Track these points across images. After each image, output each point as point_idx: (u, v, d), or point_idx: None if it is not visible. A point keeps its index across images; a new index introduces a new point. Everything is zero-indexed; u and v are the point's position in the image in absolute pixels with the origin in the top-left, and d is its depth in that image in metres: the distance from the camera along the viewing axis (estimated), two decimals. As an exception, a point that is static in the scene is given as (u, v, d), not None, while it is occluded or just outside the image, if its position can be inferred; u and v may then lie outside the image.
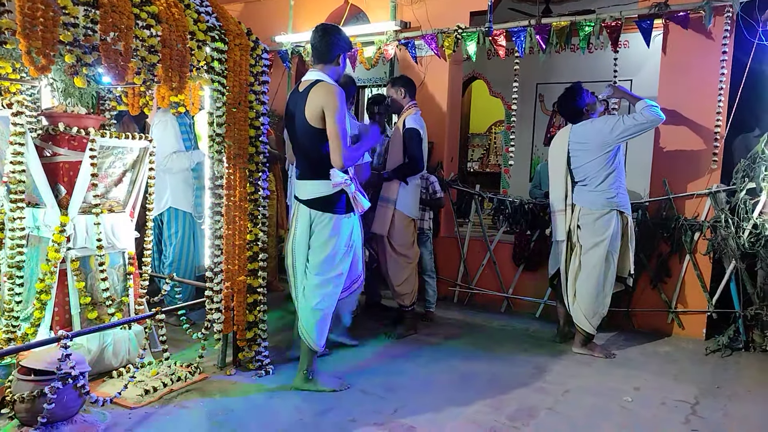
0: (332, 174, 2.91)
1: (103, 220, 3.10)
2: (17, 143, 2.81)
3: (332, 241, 2.99)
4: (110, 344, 3.11)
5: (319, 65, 3.00)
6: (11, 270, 2.89)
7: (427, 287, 4.51)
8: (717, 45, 4.04)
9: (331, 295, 3.05)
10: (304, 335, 3.05)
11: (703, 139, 4.14)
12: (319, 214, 2.99)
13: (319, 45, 2.97)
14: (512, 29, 4.60)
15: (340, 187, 2.94)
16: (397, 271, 4.05)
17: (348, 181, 2.94)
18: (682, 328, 4.29)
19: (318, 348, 3.07)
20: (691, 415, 2.95)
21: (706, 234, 4.14)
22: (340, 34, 3.01)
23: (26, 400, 2.42)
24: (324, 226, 2.98)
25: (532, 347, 3.98)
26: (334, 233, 2.98)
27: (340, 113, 2.83)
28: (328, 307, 3.05)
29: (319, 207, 2.98)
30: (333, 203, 2.97)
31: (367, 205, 3.05)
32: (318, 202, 2.98)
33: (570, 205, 3.83)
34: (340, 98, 2.84)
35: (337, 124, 2.82)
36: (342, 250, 3.03)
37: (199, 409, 2.83)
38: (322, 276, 3.01)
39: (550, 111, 7.36)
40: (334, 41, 2.97)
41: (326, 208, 2.97)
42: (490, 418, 2.83)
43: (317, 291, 3.02)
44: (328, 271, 3.01)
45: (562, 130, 3.99)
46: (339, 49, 2.98)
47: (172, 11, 2.72)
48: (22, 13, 2.11)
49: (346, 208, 3.01)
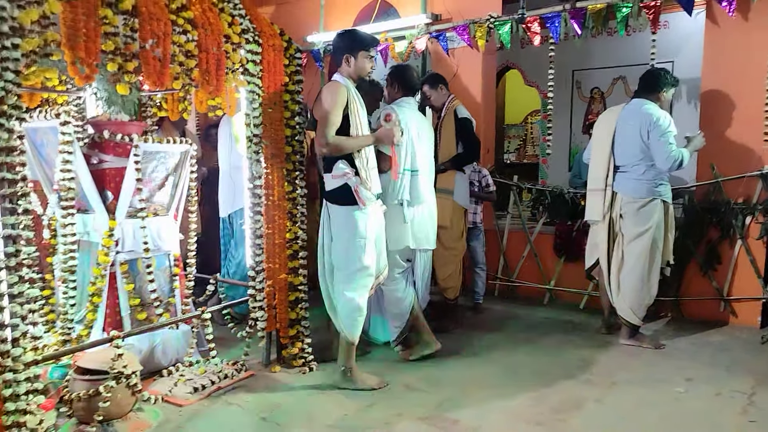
0: (334, 166, 2.98)
1: (149, 223, 3.19)
2: (66, 152, 2.92)
3: (342, 234, 3.03)
4: (159, 344, 3.19)
5: (338, 68, 3.13)
6: (64, 274, 3.01)
7: (478, 279, 4.55)
8: (763, 20, 3.86)
9: (358, 289, 3.06)
10: (339, 327, 3.11)
11: (751, 118, 3.97)
12: (333, 207, 3.06)
13: (332, 50, 3.18)
14: (546, 15, 4.51)
15: (342, 179, 2.98)
16: (443, 264, 4.05)
17: (350, 173, 2.97)
18: (735, 317, 4.13)
19: (352, 339, 3.09)
20: (748, 405, 2.84)
21: (758, 217, 3.97)
22: (344, 36, 3.10)
23: (83, 398, 2.52)
24: (335, 219, 3.06)
25: (577, 339, 3.91)
26: (344, 226, 3.02)
27: (333, 104, 2.92)
28: (358, 299, 3.06)
29: (331, 200, 3.07)
30: (341, 195, 3.02)
31: (370, 198, 3.05)
32: (331, 195, 3.07)
33: (610, 186, 3.73)
34: (339, 92, 2.94)
35: (325, 111, 2.92)
36: (355, 243, 3.02)
37: (247, 405, 2.89)
38: (343, 270, 3.06)
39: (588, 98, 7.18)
40: (339, 45, 3.09)
41: (337, 200, 3.05)
42: (535, 411, 2.80)
43: (343, 285, 3.07)
44: (346, 264, 3.05)
45: (612, 108, 3.89)
46: (343, 51, 3.06)
47: (207, 15, 2.77)
48: (66, 25, 2.18)
49: (356, 200, 3.02)
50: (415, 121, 3.49)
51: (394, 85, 3.61)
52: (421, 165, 3.46)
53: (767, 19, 3.84)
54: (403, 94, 3.59)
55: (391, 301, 3.48)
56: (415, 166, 3.43)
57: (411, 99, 3.60)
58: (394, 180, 3.32)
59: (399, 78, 3.59)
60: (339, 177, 2.99)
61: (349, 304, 3.05)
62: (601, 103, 7.03)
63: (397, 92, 3.61)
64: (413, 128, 3.45)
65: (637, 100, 3.70)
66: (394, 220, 3.34)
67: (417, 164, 3.43)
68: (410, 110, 3.52)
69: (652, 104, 3.63)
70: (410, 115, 3.48)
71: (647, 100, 3.65)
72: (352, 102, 3.01)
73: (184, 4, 2.69)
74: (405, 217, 3.38)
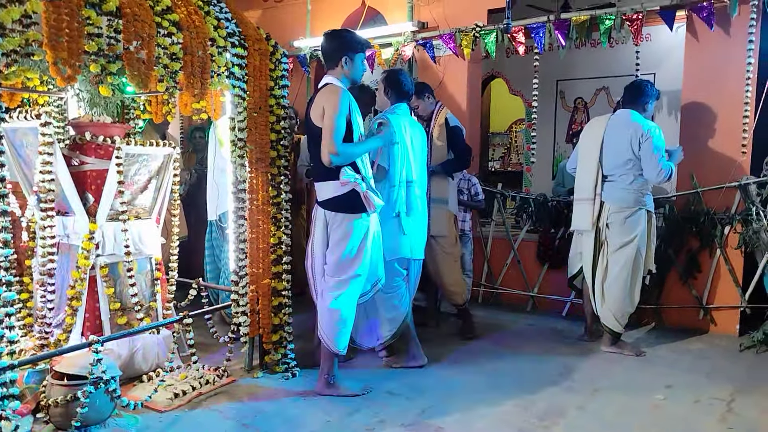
0: (341, 173, 2.90)
1: (130, 226, 3.15)
2: (46, 153, 2.87)
3: (345, 241, 2.97)
4: (140, 349, 3.15)
5: (330, 70, 3.05)
6: (43, 277, 2.96)
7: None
8: (743, 34, 3.94)
9: (348, 297, 3.02)
10: (323, 337, 3.04)
11: (731, 130, 4.05)
12: (333, 214, 3.00)
13: (325, 50, 3.06)
14: (531, 25, 4.56)
15: (349, 186, 2.92)
16: (448, 270, 3.99)
17: (358, 179, 2.91)
18: (715, 325, 4.19)
19: (336, 351, 3.04)
20: (726, 412, 2.88)
21: (737, 227, 4.04)
22: (344, 37, 3.03)
23: (60, 404, 2.47)
24: (337, 227, 2.99)
25: (559, 346, 3.93)
26: (347, 233, 2.97)
27: (337, 112, 2.84)
28: (346, 308, 3.02)
29: (332, 207, 3.00)
30: (344, 203, 2.96)
31: (380, 203, 3.01)
32: (331, 203, 2.99)
33: (599, 195, 3.74)
34: (341, 98, 2.86)
35: (331, 120, 2.83)
36: (355, 251, 2.99)
37: (228, 411, 2.86)
38: (337, 277, 3.01)
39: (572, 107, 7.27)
40: (336, 45, 3.00)
41: (338, 208, 2.98)
42: (519, 418, 2.80)
43: (334, 291, 3.02)
44: (342, 272, 3.00)
45: (598, 117, 3.92)
46: (341, 52, 2.98)
47: (192, 18, 2.76)
48: (48, 25, 2.16)
49: (359, 208, 2.97)
50: (409, 130, 3.43)
51: (387, 90, 3.50)
52: (414, 174, 3.42)
53: (746, 33, 3.92)
54: (396, 99, 3.48)
55: (387, 307, 3.41)
56: (410, 176, 3.38)
57: (404, 105, 3.52)
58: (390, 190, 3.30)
59: (393, 83, 3.48)
60: (347, 184, 2.91)
61: (333, 315, 3.01)
62: (585, 113, 7.12)
63: (391, 98, 3.50)
64: (407, 137, 3.39)
65: (623, 110, 3.75)
66: (391, 231, 3.30)
67: (411, 174, 3.39)
68: (404, 117, 3.46)
69: (640, 115, 3.67)
70: (404, 122, 3.42)
71: (634, 111, 3.70)
72: (352, 105, 2.95)
73: (169, 7, 2.68)
74: (404, 229, 3.34)
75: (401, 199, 3.34)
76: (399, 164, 3.33)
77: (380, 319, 3.44)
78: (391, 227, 3.31)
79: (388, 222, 3.29)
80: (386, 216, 3.28)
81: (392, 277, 3.36)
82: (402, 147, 3.33)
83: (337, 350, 3.05)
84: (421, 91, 4.08)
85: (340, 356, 3.13)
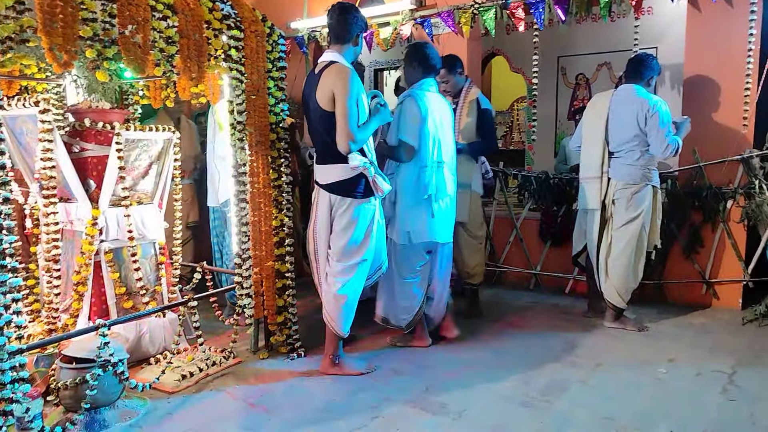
0: (350, 157, 2.85)
1: (133, 212, 3.17)
2: (46, 140, 2.88)
3: (352, 227, 2.95)
4: (146, 332, 3.19)
5: (336, 46, 2.96)
6: (48, 264, 2.99)
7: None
8: (744, 6, 3.89)
9: (355, 282, 3.03)
10: (329, 321, 3.05)
11: (733, 103, 4.01)
12: (339, 198, 2.94)
13: (336, 25, 2.93)
14: (530, 1, 4.50)
15: (358, 170, 2.89)
16: (472, 253, 3.94)
17: (366, 164, 2.88)
18: (718, 299, 4.20)
19: (343, 334, 3.06)
20: (728, 384, 2.90)
21: (740, 201, 4.03)
22: (358, 12, 2.96)
23: (69, 387, 2.51)
24: (344, 212, 2.95)
25: (562, 323, 3.95)
26: (354, 218, 2.94)
27: (349, 96, 2.77)
28: (353, 293, 3.03)
29: (338, 191, 2.94)
30: (352, 187, 2.92)
31: (387, 187, 2.99)
32: (337, 187, 2.94)
33: (606, 173, 3.71)
34: (351, 80, 2.79)
35: (346, 106, 2.77)
36: (363, 236, 2.98)
37: (235, 392, 2.90)
38: (345, 262, 3.00)
39: (573, 84, 7.21)
40: (352, 20, 2.91)
41: (345, 192, 2.93)
42: (521, 393, 2.83)
43: (341, 277, 3.00)
44: (350, 256, 2.99)
45: (601, 93, 3.87)
46: (357, 28, 2.93)
47: (187, 1, 2.74)
48: (41, 11, 2.15)
49: (366, 193, 2.95)
50: (438, 108, 3.28)
51: (412, 64, 3.32)
52: (445, 155, 3.31)
53: (747, 4, 3.86)
54: (423, 74, 3.30)
55: (403, 294, 3.35)
56: (440, 157, 3.27)
57: (432, 80, 3.35)
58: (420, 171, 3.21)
59: (418, 56, 3.29)
60: (356, 167, 2.86)
61: (339, 300, 3.01)
62: (586, 89, 7.06)
63: (416, 72, 3.31)
64: (437, 116, 3.25)
65: (627, 85, 3.70)
66: (419, 214, 3.24)
67: (442, 155, 3.28)
68: (433, 94, 3.30)
69: (644, 90, 3.64)
70: (434, 100, 3.27)
71: (638, 85, 3.66)
72: (359, 85, 2.87)
73: (164, -11, 2.66)
74: (433, 211, 3.25)
75: (432, 182, 3.23)
76: (431, 144, 3.22)
77: (395, 306, 3.39)
78: (419, 210, 3.24)
79: (418, 205, 3.23)
80: (415, 198, 3.21)
81: (415, 262, 3.31)
82: (433, 126, 3.22)
83: (342, 333, 3.07)
84: (453, 65, 3.86)
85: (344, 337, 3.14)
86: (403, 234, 3.29)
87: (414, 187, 3.24)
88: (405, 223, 3.28)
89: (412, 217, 3.23)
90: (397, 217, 3.31)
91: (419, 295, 3.37)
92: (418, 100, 3.21)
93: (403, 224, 3.29)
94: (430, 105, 3.23)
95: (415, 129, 3.19)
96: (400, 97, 3.32)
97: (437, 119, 3.26)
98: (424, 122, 3.19)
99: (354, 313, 3.10)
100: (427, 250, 3.35)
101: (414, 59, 3.32)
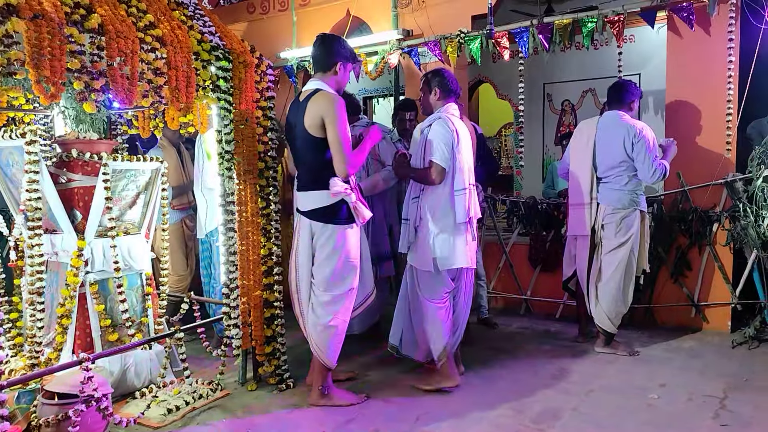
0: (331, 183, 2.84)
1: (120, 242, 3.14)
2: (32, 171, 2.86)
3: (336, 254, 2.89)
4: (132, 365, 3.13)
5: (319, 74, 2.97)
6: (32, 296, 2.93)
7: (482, 292, 4.42)
8: (723, 33, 3.99)
9: (343, 312, 2.97)
10: (317, 352, 2.99)
11: (715, 128, 4.09)
12: (320, 226, 2.90)
13: (317, 54, 2.95)
14: (514, 30, 4.60)
15: (339, 196, 2.85)
16: None
17: (348, 190, 2.86)
18: (707, 322, 4.21)
19: (331, 365, 3.00)
20: (720, 409, 2.89)
21: (725, 224, 4.07)
22: (339, 42, 2.97)
23: (51, 424, 2.45)
24: (327, 239, 2.90)
25: (553, 348, 3.94)
26: (339, 246, 2.89)
27: (340, 121, 2.79)
28: (341, 323, 2.98)
29: (319, 218, 2.90)
30: (334, 214, 2.88)
31: (368, 215, 2.93)
32: (318, 213, 2.90)
33: (594, 199, 3.75)
34: (339, 107, 2.80)
35: (339, 132, 2.78)
36: (349, 264, 2.93)
37: (222, 425, 2.84)
38: (332, 292, 2.93)
39: (559, 110, 7.32)
40: (331, 49, 2.92)
41: (327, 219, 2.89)
42: (513, 422, 2.80)
43: (329, 308, 2.94)
44: (336, 286, 2.93)
45: (587, 120, 3.92)
46: (337, 56, 2.92)
47: (176, 33, 2.77)
48: (29, 44, 2.16)
49: (348, 219, 2.91)
50: (465, 132, 3.23)
51: (433, 90, 3.23)
52: (473, 179, 3.25)
53: (726, 32, 3.96)
54: (445, 99, 3.22)
55: (435, 320, 3.15)
56: (470, 180, 3.19)
57: (455, 105, 3.27)
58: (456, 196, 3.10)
59: (439, 81, 3.21)
60: (338, 194, 2.84)
61: (329, 331, 2.95)
62: (572, 115, 7.18)
63: (439, 98, 3.23)
64: (464, 140, 3.18)
65: (611, 112, 3.76)
66: (449, 239, 3.09)
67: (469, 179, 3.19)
68: (458, 119, 3.23)
69: (628, 116, 3.69)
70: (460, 124, 3.20)
71: (621, 111, 3.72)
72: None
73: (152, 22, 2.69)
74: (473, 235, 3.16)
75: (471, 206, 3.13)
76: (465, 167, 3.14)
77: (423, 334, 3.21)
78: (448, 235, 3.10)
79: (448, 230, 3.10)
80: (445, 223, 3.10)
81: (440, 290, 3.16)
82: (465, 150, 3.16)
83: (331, 364, 3.01)
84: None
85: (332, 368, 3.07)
86: (429, 261, 3.12)
87: (444, 211, 3.11)
88: (432, 250, 3.11)
89: (441, 243, 3.10)
90: (423, 243, 3.15)
91: (447, 323, 3.18)
92: (449, 123, 3.14)
93: (429, 251, 3.12)
94: (459, 129, 3.17)
95: (446, 151, 3.09)
96: (428, 119, 3.24)
97: (465, 143, 3.19)
98: (457, 145, 3.11)
99: (341, 343, 3.04)
100: (452, 277, 3.20)
101: (435, 85, 3.23)
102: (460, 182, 3.11)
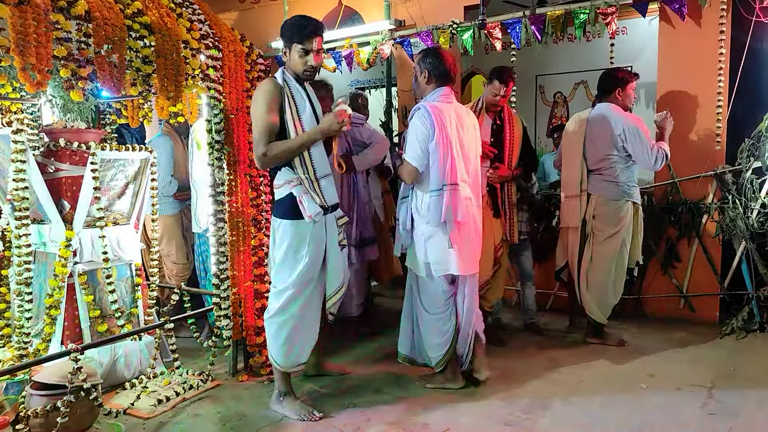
0: (278, 175, 2.72)
1: (108, 232, 3.11)
2: (19, 161, 2.83)
3: (279, 248, 2.73)
4: (122, 356, 3.12)
5: None
6: (20, 287, 2.91)
7: (528, 293, 4.15)
8: (714, 25, 4.00)
9: (284, 309, 2.74)
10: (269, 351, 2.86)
11: (706, 120, 4.10)
12: (273, 219, 2.78)
13: None
14: (507, 21, 4.59)
15: (286, 188, 2.69)
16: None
17: (293, 181, 2.67)
18: (695, 313, 4.24)
19: (278, 366, 2.79)
20: (708, 399, 2.92)
21: (714, 216, 4.10)
22: (284, 25, 2.70)
23: (40, 414, 2.44)
24: (273, 232, 2.78)
25: (543, 339, 3.96)
26: (281, 240, 2.72)
27: (257, 105, 2.63)
28: (282, 321, 2.75)
29: (272, 211, 2.81)
30: (280, 207, 2.74)
31: (316, 211, 2.67)
32: (273, 206, 2.82)
33: (585, 191, 3.75)
34: (261, 92, 2.65)
35: (254, 117, 2.67)
36: (287, 261, 2.71)
37: (213, 416, 2.84)
38: (274, 287, 2.79)
39: (551, 102, 7.32)
40: (282, 32, 2.69)
41: (276, 212, 2.77)
42: (504, 411, 2.82)
43: (271, 303, 2.80)
44: (277, 281, 2.77)
45: (579, 113, 3.92)
46: (285, 39, 2.68)
47: (164, 21, 2.73)
48: (14, 31, 2.12)
49: (294, 213, 2.68)
50: (454, 120, 2.88)
51: (423, 72, 2.93)
52: (471, 174, 2.97)
53: (717, 24, 3.97)
54: (436, 84, 2.92)
55: (432, 330, 3.02)
56: (454, 178, 2.86)
57: (448, 90, 2.95)
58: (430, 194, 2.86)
59: (431, 62, 2.89)
60: (282, 186, 2.70)
61: (270, 328, 2.80)
62: (564, 107, 7.17)
63: (428, 82, 2.93)
64: (451, 130, 2.86)
65: (601, 104, 3.76)
66: (438, 243, 2.90)
67: (460, 175, 2.89)
68: (448, 105, 2.90)
69: (616, 107, 3.68)
70: (448, 111, 2.87)
71: (609, 102, 3.72)
72: (286, 100, 2.64)
73: (140, 9, 2.65)
74: (449, 242, 2.87)
75: (449, 206, 2.84)
76: (442, 164, 2.83)
77: (426, 343, 3.08)
78: (437, 239, 2.90)
79: (435, 233, 2.90)
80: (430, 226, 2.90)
81: (440, 295, 2.98)
82: (445, 141, 2.83)
83: (277, 365, 2.80)
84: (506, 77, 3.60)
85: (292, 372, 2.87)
86: (423, 266, 2.96)
87: (426, 213, 2.88)
88: (424, 254, 2.93)
89: (431, 248, 2.91)
90: (415, 248, 2.98)
91: (450, 330, 3.02)
92: (426, 113, 2.84)
93: (422, 255, 2.95)
94: (442, 118, 2.84)
95: (419, 148, 2.84)
96: (412, 110, 2.97)
97: (452, 134, 2.86)
98: (432, 139, 2.82)
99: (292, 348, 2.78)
100: (450, 282, 3.02)
101: (425, 66, 2.92)
102: (435, 182, 2.84)
